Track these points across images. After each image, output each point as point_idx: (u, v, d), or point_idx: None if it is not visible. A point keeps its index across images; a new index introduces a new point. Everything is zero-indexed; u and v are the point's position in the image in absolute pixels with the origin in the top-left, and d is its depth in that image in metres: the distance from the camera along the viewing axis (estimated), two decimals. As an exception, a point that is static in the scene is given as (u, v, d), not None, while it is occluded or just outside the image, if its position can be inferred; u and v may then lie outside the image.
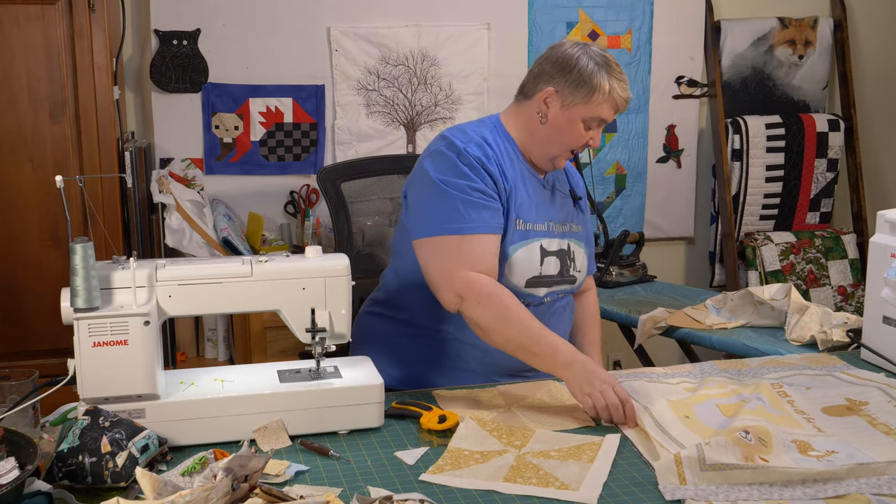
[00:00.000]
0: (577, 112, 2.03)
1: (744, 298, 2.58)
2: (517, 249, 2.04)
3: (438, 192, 1.99)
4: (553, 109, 2.04)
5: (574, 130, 2.04)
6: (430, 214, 1.99)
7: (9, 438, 1.50)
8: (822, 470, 1.51)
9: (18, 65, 2.86)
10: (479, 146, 2.03)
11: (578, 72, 2.02)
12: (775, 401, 1.83)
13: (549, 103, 2.04)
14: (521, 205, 2.05)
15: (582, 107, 2.02)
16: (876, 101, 4.15)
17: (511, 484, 1.53)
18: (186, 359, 3.36)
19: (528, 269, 2.05)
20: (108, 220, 2.95)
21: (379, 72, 3.60)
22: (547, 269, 2.08)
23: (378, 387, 1.74)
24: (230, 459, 1.39)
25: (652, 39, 3.84)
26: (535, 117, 2.07)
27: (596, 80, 2.01)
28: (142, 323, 1.61)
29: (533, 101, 2.07)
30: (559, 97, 2.03)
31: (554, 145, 2.07)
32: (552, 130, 2.06)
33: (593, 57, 2.03)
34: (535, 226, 2.08)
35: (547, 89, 2.04)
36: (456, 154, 2.00)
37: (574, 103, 2.02)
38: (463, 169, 1.99)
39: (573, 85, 2.02)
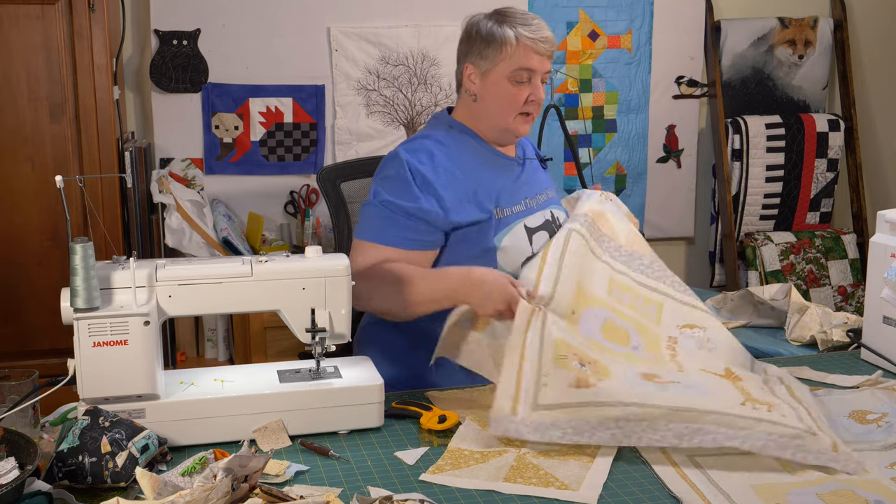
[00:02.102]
0: (498, 73, 2.02)
1: (744, 298, 2.58)
2: (502, 238, 2.04)
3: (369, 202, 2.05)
4: (477, 83, 2.05)
5: (505, 92, 2.02)
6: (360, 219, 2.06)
7: (9, 438, 1.50)
8: (638, 411, 1.61)
9: (18, 65, 2.86)
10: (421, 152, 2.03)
11: (480, 35, 2.02)
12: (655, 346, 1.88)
13: (473, 79, 2.05)
14: (496, 192, 2.05)
15: (499, 66, 2.01)
16: (876, 101, 4.15)
17: (511, 484, 1.53)
18: (186, 359, 3.36)
19: (519, 252, 2.05)
20: (108, 220, 2.95)
21: (379, 72, 3.60)
22: (537, 245, 2.08)
23: (378, 387, 1.74)
24: (230, 459, 1.39)
25: (652, 39, 3.84)
26: (469, 100, 2.09)
27: (497, 33, 2.00)
28: (142, 323, 1.61)
29: (462, 86, 2.10)
30: (476, 69, 2.04)
31: (498, 116, 2.06)
32: (487, 102, 2.06)
33: (490, 16, 2.03)
34: (513, 208, 2.08)
35: (465, 68, 2.06)
36: (393, 164, 2.03)
37: (491, 67, 2.02)
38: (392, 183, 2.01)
39: (481, 50, 2.02)
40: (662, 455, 1.63)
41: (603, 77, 3.83)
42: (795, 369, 2.05)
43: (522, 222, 2.08)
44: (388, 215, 2.01)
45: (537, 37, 1.99)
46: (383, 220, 2.01)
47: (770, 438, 1.58)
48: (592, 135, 3.86)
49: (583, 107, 3.82)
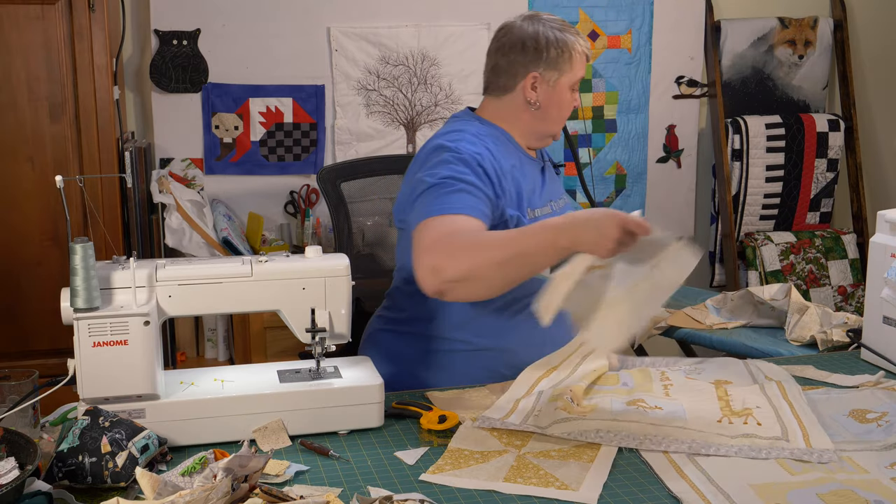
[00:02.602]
0: (563, 83, 2.06)
1: (744, 298, 2.58)
2: None
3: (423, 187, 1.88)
4: (541, 92, 2.05)
5: (566, 101, 2.08)
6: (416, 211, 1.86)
7: (9, 438, 1.50)
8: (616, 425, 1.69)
9: (18, 65, 2.86)
10: (471, 144, 1.96)
11: (552, 45, 2.03)
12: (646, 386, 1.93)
13: (537, 88, 2.05)
14: (528, 194, 2.04)
15: (566, 76, 2.05)
16: (876, 101, 4.15)
17: (511, 484, 1.53)
18: (186, 359, 3.36)
19: None
20: (108, 220, 2.95)
21: (379, 72, 3.60)
22: None
23: (378, 387, 1.74)
24: (230, 459, 1.39)
25: (652, 39, 3.84)
26: (523, 107, 2.07)
27: (569, 45, 2.03)
28: (142, 323, 1.62)
29: (516, 92, 2.06)
30: (543, 78, 2.05)
31: (552, 123, 2.10)
32: (549, 111, 2.08)
33: (552, 25, 2.05)
34: (541, 210, 2.08)
35: (530, 76, 2.04)
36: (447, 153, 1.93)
37: (559, 77, 2.05)
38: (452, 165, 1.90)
39: (553, 60, 2.03)
40: (662, 455, 1.63)
41: (603, 77, 3.83)
42: (798, 368, 2.05)
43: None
44: (450, 187, 1.85)
45: (587, 49, 2.08)
46: (447, 193, 1.84)
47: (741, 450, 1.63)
48: (592, 135, 3.86)
49: (583, 107, 3.82)
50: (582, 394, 1.86)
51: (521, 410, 1.81)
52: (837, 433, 1.71)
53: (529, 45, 2.03)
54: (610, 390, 1.89)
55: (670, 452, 1.63)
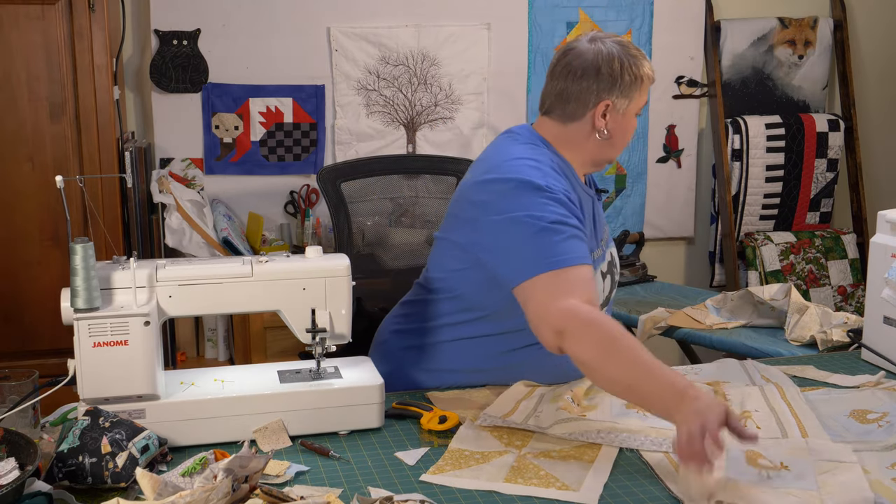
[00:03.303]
0: (631, 110, 1.96)
1: (744, 298, 2.58)
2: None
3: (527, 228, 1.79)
4: (612, 120, 1.93)
5: (632, 128, 1.99)
6: (524, 255, 1.78)
7: (9, 438, 1.50)
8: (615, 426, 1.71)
9: (18, 65, 2.86)
10: (556, 179, 1.88)
11: (625, 75, 1.91)
12: None
13: (608, 116, 1.92)
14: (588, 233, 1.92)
15: (634, 102, 1.95)
16: (876, 101, 4.15)
17: (511, 484, 1.53)
18: (186, 359, 3.36)
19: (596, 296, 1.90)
20: (108, 220, 2.95)
21: (379, 72, 3.60)
22: (605, 290, 2.01)
23: (378, 387, 1.74)
24: (230, 460, 1.39)
25: (652, 39, 3.84)
26: (589, 135, 1.94)
27: (640, 73, 1.93)
28: (142, 323, 1.61)
29: (585, 120, 1.93)
30: (615, 106, 1.92)
31: (616, 150, 2.00)
32: (616, 139, 1.97)
33: (622, 51, 1.92)
34: (596, 253, 1.97)
35: (602, 104, 1.91)
36: (533, 189, 1.82)
37: (629, 104, 1.94)
38: (549, 206, 1.80)
39: (626, 88, 1.92)
40: (662, 455, 1.63)
41: (603, 77, 3.83)
42: (798, 369, 2.06)
43: (600, 268, 1.98)
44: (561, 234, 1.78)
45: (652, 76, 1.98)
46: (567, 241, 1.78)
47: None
48: (592, 135, 3.86)
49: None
50: (583, 395, 1.86)
51: (522, 410, 1.81)
52: (838, 434, 1.71)
53: (604, 71, 1.89)
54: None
55: (670, 453, 1.63)
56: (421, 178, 2.78)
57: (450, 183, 2.73)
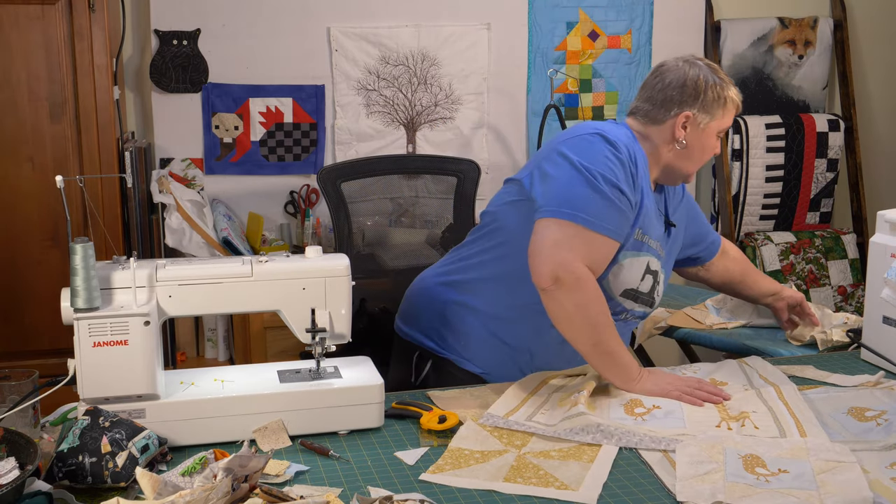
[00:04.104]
0: (713, 128, 2.07)
1: (744, 298, 2.58)
2: (627, 257, 2.00)
3: (581, 177, 1.92)
4: (691, 132, 2.05)
5: (711, 146, 2.09)
6: (565, 196, 1.91)
7: (9, 438, 1.50)
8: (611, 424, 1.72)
9: (18, 65, 2.86)
10: (627, 147, 1.99)
11: (712, 92, 2.04)
12: None
13: (687, 127, 2.05)
14: (646, 217, 2.03)
15: (716, 122, 2.06)
16: (876, 101, 4.15)
17: (511, 484, 1.53)
18: (186, 359, 3.36)
19: (629, 280, 2.02)
20: (108, 220, 2.95)
21: (379, 72, 3.60)
22: (644, 287, 2.06)
23: (378, 387, 1.74)
24: (230, 459, 1.39)
25: (652, 39, 3.84)
26: (668, 142, 2.06)
27: (724, 95, 2.05)
28: (142, 323, 1.62)
29: (665, 126, 2.06)
30: (696, 120, 2.05)
31: (693, 164, 2.09)
32: (693, 152, 2.07)
33: (710, 72, 2.06)
34: (651, 241, 2.06)
35: (683, 114, 2.04)
36: (607, 145, 1.97)
37: (710, 121, 2.05)
38: (609, 163, 1.94)
39: (708, 105, 2.04)
40: (662, 455, 1.63)
41: (603, 77, 3.83)
42: (798, 368, 2.06)
43: (649, 258, 2.05)
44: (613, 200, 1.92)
45: (740, 101, 2.09)
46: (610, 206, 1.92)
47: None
48: (592, 135, 3.86)
49: (583, 107, 3.82)
50: (591, 389, 1.87)
51: (529, 405, 1.82)
52: (837, 432, 1.71)
53: (689, 85, 2.04)
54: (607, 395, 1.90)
55: (670, 452, 1.64)
56: (421, 178, 2.78)
57: (450, 183, 2.73)
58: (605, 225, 1.90)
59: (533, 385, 1.93)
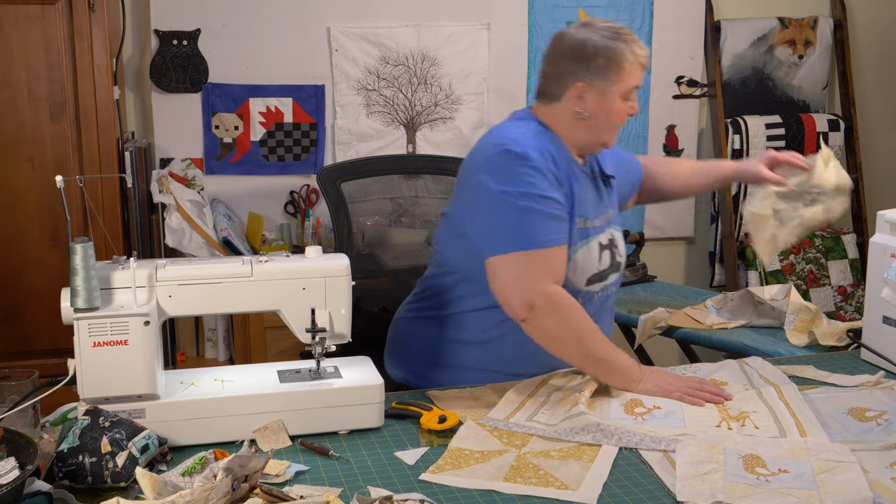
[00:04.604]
0: (614, 92, 1.97)
1: (744, 298, 2.58)
2: (578, 250, 1.99)
3: (504, 205, 1.90)
4: (590, 101, 1.98)
5: (617, 110, 2.00)
6: (500, 231, 1.91)
7: (9, 438, 1.50)
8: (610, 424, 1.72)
9: (18, 65, 2.86)
10: (538, 150, 1.94)
11: (600, 54, 1.94)
12: None
13: (585, 97, 1.98)
14: (582, 203, 2.00)
15: (617, 85, 1.96)
16: (876, 101, 4.15)
17: (511, 484, 1.53)
18: (186, 359, 3.36)
19: (588, 267, 2.00)
20: (108, 220, 2.95)
21: (379, 72, 3.60)
22: (603, 264, 2.04)
23: (378, 387, 1.74)
24: (230, 459, 1.39)
25: (652, 39, 3.84)
26: (571, 116, 2.00)
27: (618, 54, 1.94)
28: (142, 323, 1.62)
29: (564, 101, 2.00)
30: (592, 87, 1.97)
31: (605, 132, 2.02)
32: (598, 120, 2.00)
33: (603, 33, 1.96)
34: (594, 221, 2.03)
35: (576, 85, 1.97)
36: (517, 160, 1.91)
37: (608, 86, 1.96)
38: (526, 177, 1.90)
39: (601, 69, 1.95)
40: (662, 455, 1.63)
41: (603, 77, 3.83)
42: (798, 368, 2.06)
43: (598, 238, 2.03)
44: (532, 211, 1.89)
45: (644, 53, 1.98)
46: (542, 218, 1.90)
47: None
48: (592, 135, 3.86)
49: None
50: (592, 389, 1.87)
51: (527, 408, 1.82)
52: (837, 432, 1.71)
53: (578, 52, 1.96)
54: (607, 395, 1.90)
55: (670, 452, 1.64)
56: (421, 178, 2.78)
57: (450, 183, 2.73)
58: (547, 238, 1.89)
59: (533, 386, 1.93)
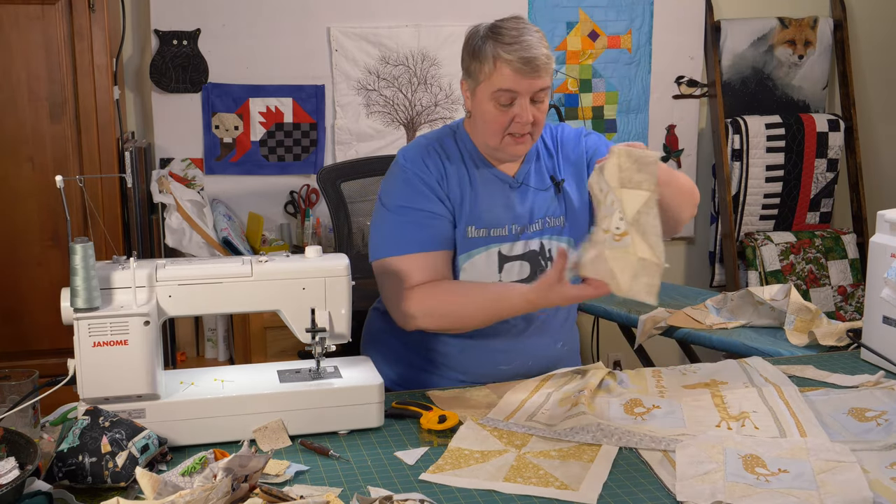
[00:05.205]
0: (482, 93, 1.90)
1: (744, 298, 2.58)
2: (468, 259, 1.98)
3: (381, 213, 1.99)
4: (469, 99, 1.96)
5: (489, 113, 1.91)
6: (375, 238, 1.99)
7: (9, 438, 1.50)
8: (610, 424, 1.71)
9: (18, 65, 2.86)
10: (420, 159, 1.97)
11: (469, 51, 1.93)
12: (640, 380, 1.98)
13: (466, 94, 1.97)
14: (475, 211, 1.97)
15: (482, 85, 1.90)
16: (876, 101, 4.15)
17: (511, 484, 1.53)
18: (186, 359, 3.36)
19: (483, 277, 1.98)
20: (108, 220, 2.95)
21: (379, 72, 3.60)
22: (508, 276, 2.00)
23: (378, 387, 1.74)
24: (230, 459, 1.39)
25: (652, 39, 3.84)
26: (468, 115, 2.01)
27: (480, 52, 1.90)
28: (142, 323, 1.62)
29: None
30: (467, 85, 1.95)
31: (486, 135, 1.95)
32: (476, 120, 1.96)
33: (485, 29, 1.92)
34: (494, 231, 1.99)
35: (461, 82, 1.98)
36: (395, 170, 1.99)
37: (476, 84, 1.91)
38: (401, 186, 1.96)
39: (469, 66, 1.93)
40: (662, 455, 1.63)
41: (603, 77, 3.83)
42: (798, 368, 2.06)
43: (498, 248, 1.99)
44: (405, 220, 1.94)
45: (515, 57, 1.85)
46: (403, 227, 1.94)
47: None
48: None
49: (583, 107, 3.82)
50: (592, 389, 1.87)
51: (527, 409, 1.82)
52: (837, 432, 1.71)
53: (463, 47, 1.96)
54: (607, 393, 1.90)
55: (670, 452, 1.64)
56: (421, 178, 2.78)
57: (450, 183, 2.73)
58: (409, 245, 1.92)
59: (533, 386, 1.93)
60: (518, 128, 1.90)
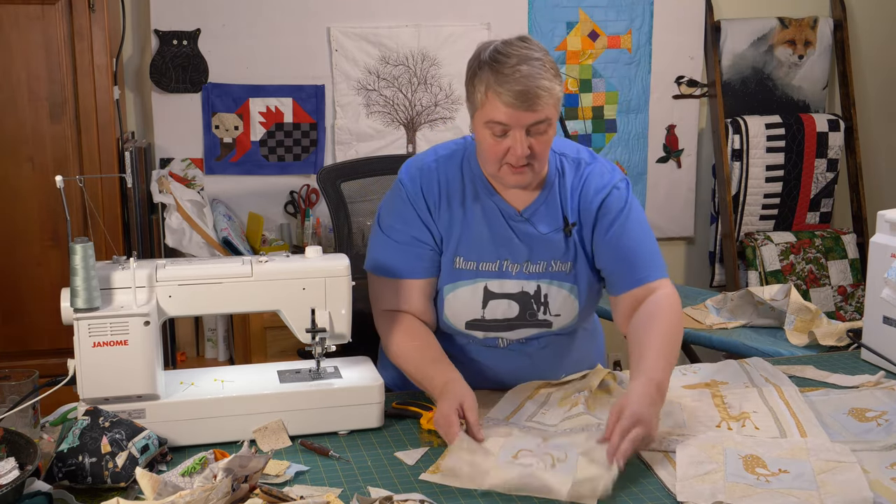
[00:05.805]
0: (477, 120, 1.79)
1: (744, 298, 2.58)
2: (452, 290, 1.91)
3: (374, 226, 1.99)
4: (473, 125, 1.83)
5: (484, 140, 1.80)
6: (370, 248, 1.99)
7: (9, 438, 1.50)
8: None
9: (18, 65, 2.86)
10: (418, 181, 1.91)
11: (468, 73, 1.80)
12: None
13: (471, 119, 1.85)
14: (465, 243, 1.90)
15: (476, 113, 1.79)
16: (876, 101, 4.15)
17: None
18: (186, 359, 3.36)
19: (465, 311, 1.92)
20: (108, 220, 2.95)
21: (379, 72, 3.60)
22: (493, 314, 1.91)
23: (378, 387, 1.74)
24: (230, 460, 1.39)
25: (652, 39, 3.84)
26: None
27: (476, 79, 1.77)
28: (142, 323, 1.62)
29: None
30: (468, 106, 1.85)
31: (484, 160, 1.85)
32: (477, 143, 1.86)
33: (485, 54, 1.77)
34: (483, 265, 1.90)
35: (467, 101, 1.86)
36: (396, 186, 1.95)
37: (473, 109, 1.81)
38: (395, 205, 1.93)
39: (467, 90, 1.82)
40: (662, 455, 1.63)
41: (603, 77, 3.83)
42: (798, 368, 2.06)
43: (485, 283, 1.90)
44: (389, 241, 1.93)
45: (507, 90, 1.71)
46: (385, 247, 1.94)
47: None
48: (592, 135, 3.86)
49: (583, 107, 3.82)
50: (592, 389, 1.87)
51: (527, 409, 1.82)
52: (837, 432, 1.71)
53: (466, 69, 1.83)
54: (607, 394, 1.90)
55: (670, 452, 1.64)
56: (421, 178, 2.77)
57: (450, 183, 2.73)
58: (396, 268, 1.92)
59: (533, 386, 1.93)
60: (513, 160, 1.78)
